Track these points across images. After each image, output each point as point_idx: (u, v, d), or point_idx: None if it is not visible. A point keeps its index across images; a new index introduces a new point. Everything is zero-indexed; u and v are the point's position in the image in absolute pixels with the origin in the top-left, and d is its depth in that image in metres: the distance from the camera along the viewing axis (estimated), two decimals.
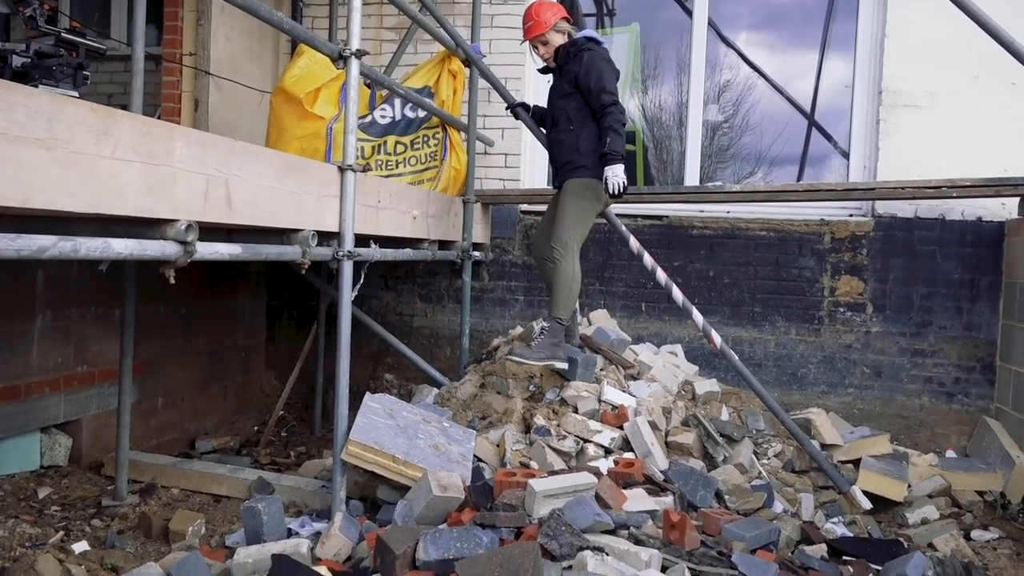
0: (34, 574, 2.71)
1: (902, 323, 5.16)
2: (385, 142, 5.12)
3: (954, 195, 4.67)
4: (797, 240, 5.30)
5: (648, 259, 4.43)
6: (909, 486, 4.18)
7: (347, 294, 3.33)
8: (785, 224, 5.32)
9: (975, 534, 3.96)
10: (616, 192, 3.93)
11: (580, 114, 4.09)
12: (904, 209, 5.17)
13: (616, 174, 3.93)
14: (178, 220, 2.36)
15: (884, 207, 5.19)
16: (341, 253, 3.29)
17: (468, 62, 5.01)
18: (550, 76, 4.37)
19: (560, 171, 4.20)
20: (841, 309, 5.25)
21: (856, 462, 4.34)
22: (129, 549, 3.25)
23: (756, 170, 5.97)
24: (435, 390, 4.66)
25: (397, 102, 5.13)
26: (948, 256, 5.11)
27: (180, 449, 4.96)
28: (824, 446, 4.41)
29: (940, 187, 4.63)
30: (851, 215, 5.34)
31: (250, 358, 5.90)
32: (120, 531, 3.43)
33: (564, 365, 4.07)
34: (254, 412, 5.83)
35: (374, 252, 3.67)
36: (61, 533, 3.22)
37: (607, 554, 2.59)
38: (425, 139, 5.12)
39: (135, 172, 2.20)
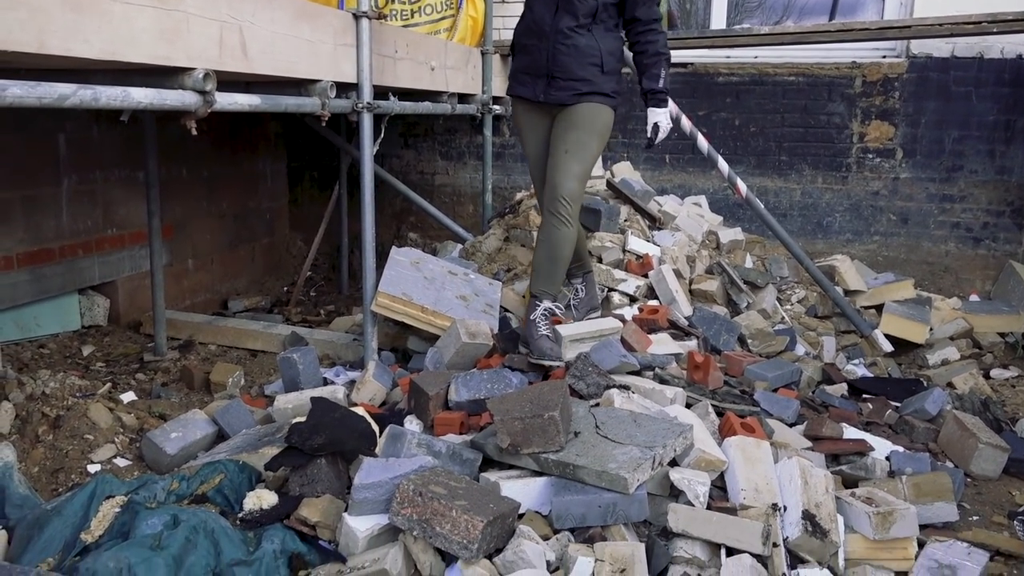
0: (87, 421, 2.86)
1: (932, 168, 5.06)
2: None
3: (995, 31, 4.45)
4: (827, 85, 5.13)
5: (672, 107, 4.32)
6: (931, 329, 4.23)
7: (368, 148, 3.30)
8: (815, 68, 5.14)
9: (994, 373, 4.02)
10: (657, 143, 3.22)
11: (605, 13, 3.08)
12: (940, 48, 4.95)
13: (668, 122, 3.21)
14: (195, 69, 2.32)
15: (919, 47, 4.97)
16: (360, 105, 3.24)
17: None
18: None
19: (561, 84, 3.08)
20: (870, 155, 5.14)
21: (879, 307, 4.38)
22: (174, 399, 3.40)
23: (784, 20, 5.71)
24: (459, 246, 4.69)
25: None
26: (984, 97, 4.93)
27: (213, 309, 5.08)
28: (847, 292, 4.43)
29: (980, 22, 4.40)
30: (884, 56, 5.13)
31: (274, 220, 5.94)
32: (164, 383, 3.58)
33: (558, 362, 2.91)
34: (282, 273, 5.93)
35: (393, 105, 3.60)
36: (108, 385, 3.37)
37: (633, 392, 2.67)
38: None
39: (147, 17, 2.14)
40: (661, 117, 3.18)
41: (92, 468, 2.69)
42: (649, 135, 3.20)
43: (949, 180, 5.05)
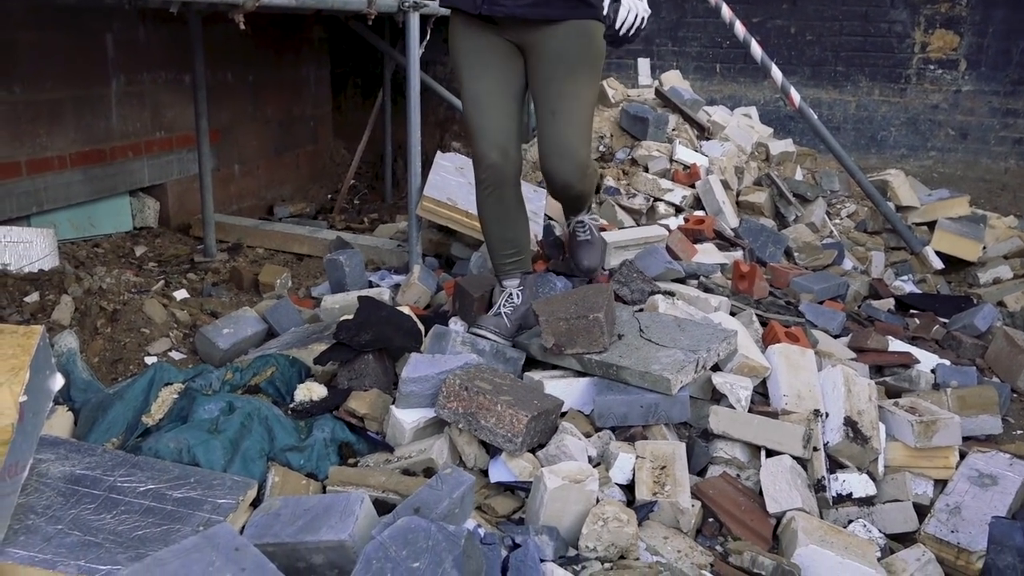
0: (143, 315, 2.94)
1: (997, 81, 4.85)
2: None
3: None
4: None
5: (726, 11, 4.17)
6: (984, 247, 4.12)
7: (414, 48, 3.25)
8: None
9: None
10: (627, 35, 2.26)
11: None
12: None
13: (646, 8, 2.27)
14: None
15: None
16: (407, 4, 3.18)
17: None
18: None
19: None
20: (931, 67, 4.94)
21: (931, 224, 4.27)
22: (224, 298, 3.49)
23: None
24: None
25: None
26: None
27: (259, 215, 5.15)
28: (900, 208, 4.32)
29: None
30: None
31: (318, 127, 5.93)
32: (214, 283, 3.66)
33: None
34: (326, 181, 5.96)
35: (439, 6, 3.53)
36: (162, 282, 3.46)
37: (677, 298, 2.67)
38: None
39: None
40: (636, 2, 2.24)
41: (149, 360, 2.79)
42: (618, 26, 2.21)
43: (1014, 93, 4.84)
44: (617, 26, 2.23)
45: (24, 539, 1.54)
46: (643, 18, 2.26)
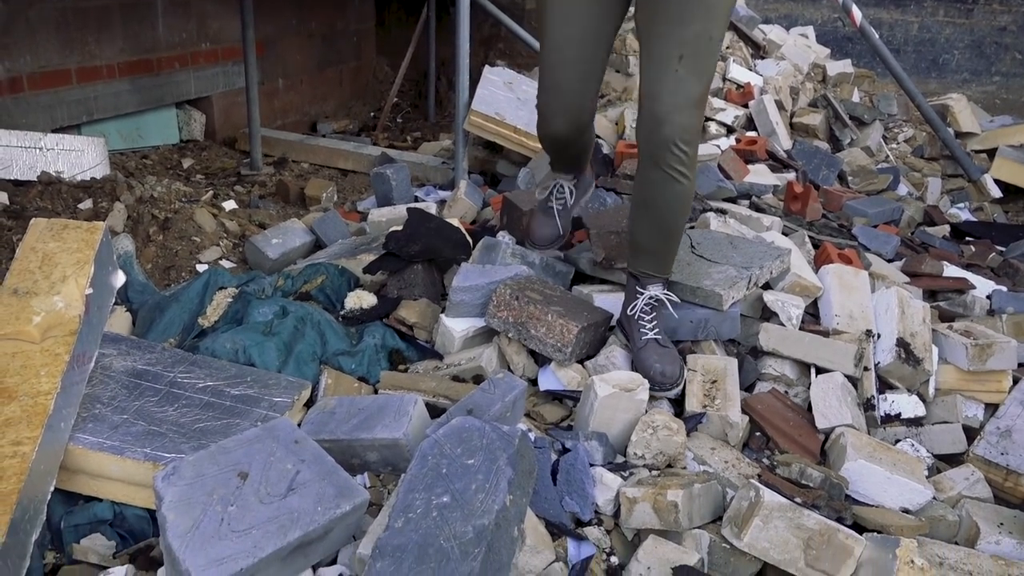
0: (194, 224, 2.98)
1: None
2: None
3: None
4: None
5: None
6: None
7: None
8: None
9: None
10: None
11: None
12: None
13: None
14: None
15: None
16: None
17: None
18: None
19: None
20: None
21: (991, 152, 4.14)
22: (271, 210, 3.51)
23: None
24: None
25: None
26: None
27: (302, 131, 5.13)
28: (959, 134, 4.19)
29: None
30: None
31: (361, 43, 5.85)
32: (261, 196, 3.68)
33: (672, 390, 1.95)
34: (369, 98, 5.91)
35: None
36: (211, 192, 3.49)
37: (730, 216, 2.63)
38: None
39: None
40: None
41: (200, 267, 2.83)
42: None
43: None
44: None
45: (92, 426, 1.60)
46: None
